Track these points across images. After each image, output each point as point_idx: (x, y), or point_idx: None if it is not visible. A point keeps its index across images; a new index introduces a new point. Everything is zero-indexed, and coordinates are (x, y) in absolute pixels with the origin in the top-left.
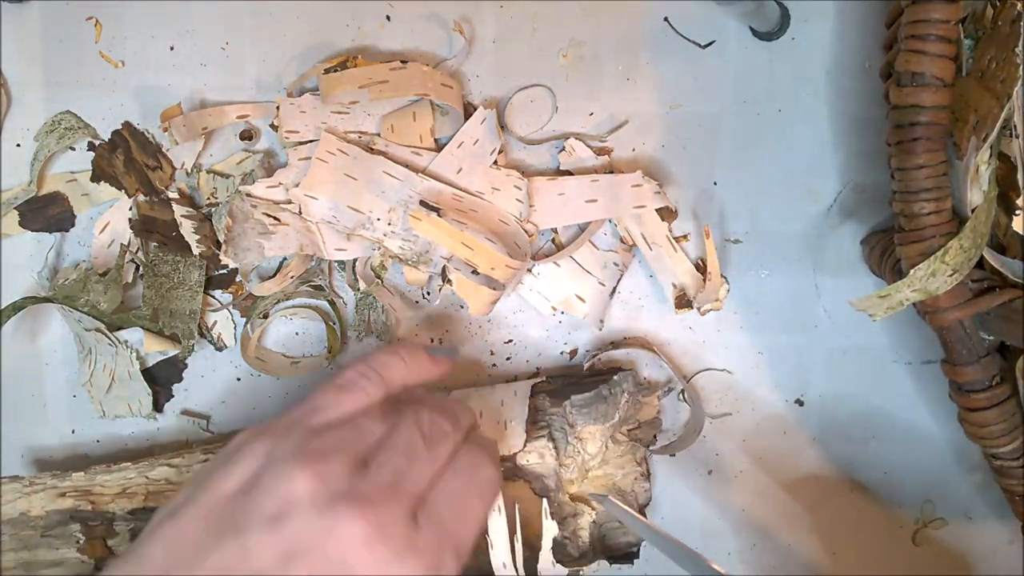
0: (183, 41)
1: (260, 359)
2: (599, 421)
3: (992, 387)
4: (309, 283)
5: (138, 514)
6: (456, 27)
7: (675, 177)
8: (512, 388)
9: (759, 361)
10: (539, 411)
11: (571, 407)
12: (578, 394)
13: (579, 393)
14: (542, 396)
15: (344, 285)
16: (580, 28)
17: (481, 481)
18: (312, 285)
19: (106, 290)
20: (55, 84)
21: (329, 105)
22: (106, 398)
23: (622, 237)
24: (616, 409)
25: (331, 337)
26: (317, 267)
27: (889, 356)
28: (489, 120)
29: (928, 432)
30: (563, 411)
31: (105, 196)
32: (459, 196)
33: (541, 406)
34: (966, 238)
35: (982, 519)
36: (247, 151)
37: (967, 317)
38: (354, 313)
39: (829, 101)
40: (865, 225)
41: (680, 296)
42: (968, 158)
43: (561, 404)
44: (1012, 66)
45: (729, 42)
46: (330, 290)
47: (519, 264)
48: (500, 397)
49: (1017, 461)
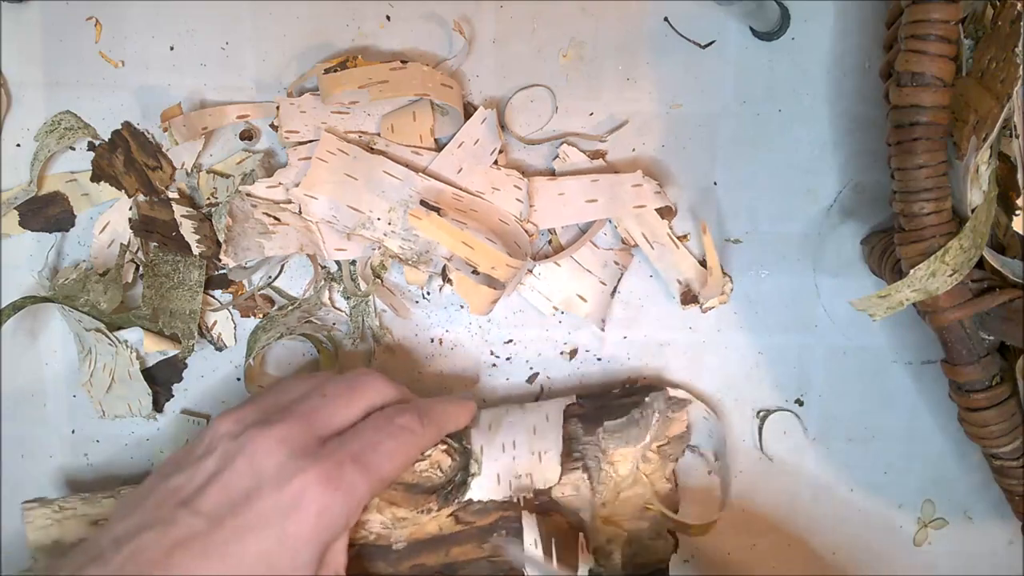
0: (183, 41)
1: (262, 386)
2: (631, 443)
3: (992, 387)
4: (309, 319)
5: None
6: (456, 27)
7: (675, 177)
8: (544, 411)
9: (759, 361)
10: (572, 439)
11: (603, 433)
12: (611, 419)
13: (612, 418)
14: (574, 421)
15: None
16: (580, 28)
17: (395, 426)
18: (310, 321)
19: (106, 290)
20: (55, 84)
21: (329, 105)
22: (106, 398)
23: (623, 237)
24: (647, 430)
25: (326, 360)
26: (317, 299)
27: (889, 356)
28: (489, 120)
29: (928, 432)
30: (596, 439)
31: (105, 196)
32: (459, 196)
33: (574, 434)
34: (966, 238)
35: (982, 519)
36: (247, 151)
37: (967, 317)
38: (349, 320)
39: (829, 101)
40: (865, 225)
41: (685, 292)
42: (968, 158)
43: (594, 432)
44: (1012, 66)
45: (729, 42)
46: (327, 335)
47: (519, 263)
48: (532, 423)
49: (1017, 461)
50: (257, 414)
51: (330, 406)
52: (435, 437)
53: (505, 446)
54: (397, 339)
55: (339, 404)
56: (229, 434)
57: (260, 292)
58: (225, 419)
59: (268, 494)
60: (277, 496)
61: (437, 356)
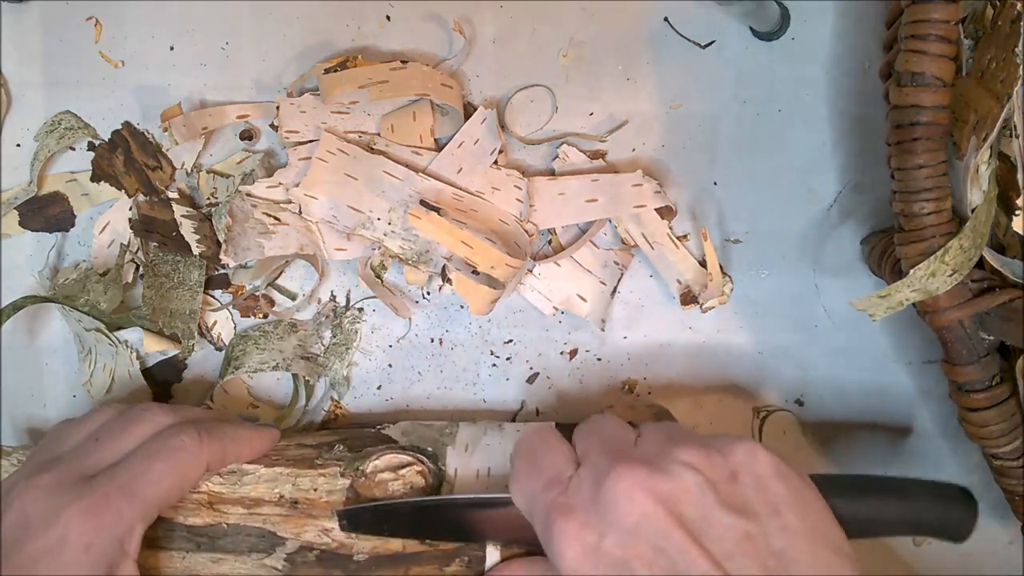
0: (183, 41)
1: (253, 405)
2: None
3: (992, 387)
4: (305, 354)
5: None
6: (456, 27)
7: (675, 177)
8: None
9: (759, 361)
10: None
11: None
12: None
13: None
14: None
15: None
16: (580, 28)
17: (167, 448)
18: (308, 358)
19: (106, 290)
20: (55, 84)
21: (329, 105)
22: (106, 398)
23: (623, 237)
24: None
25: (294, 397)
26: (316, 333)
27: (889, 356)
28: (489, 120)
29: (928, 432)
30: None
31: (105, 196)
32: (459, 196)
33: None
34: (966, 238)
35: (982, 519)
36: (247, 151)
37: (967, 317)
38: (321, 352)
39: (829, 101)
40: (865, 225)
41: (685, 292)
42: (968, 158)
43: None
44: (1012, 66)
45: (729, 42)
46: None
47: (519, 263)
48: (509, 448)
49: (1017, 461)
50: (29, 467)
51: (102, 449)
52: (217, 455)
53: (479, 473)
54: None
55: (111, 444)
56: (4, 494)
57: (261, 292)
58: (3, 480)
59: (35, 537)
60: (44, 538)
61: (437, 356)
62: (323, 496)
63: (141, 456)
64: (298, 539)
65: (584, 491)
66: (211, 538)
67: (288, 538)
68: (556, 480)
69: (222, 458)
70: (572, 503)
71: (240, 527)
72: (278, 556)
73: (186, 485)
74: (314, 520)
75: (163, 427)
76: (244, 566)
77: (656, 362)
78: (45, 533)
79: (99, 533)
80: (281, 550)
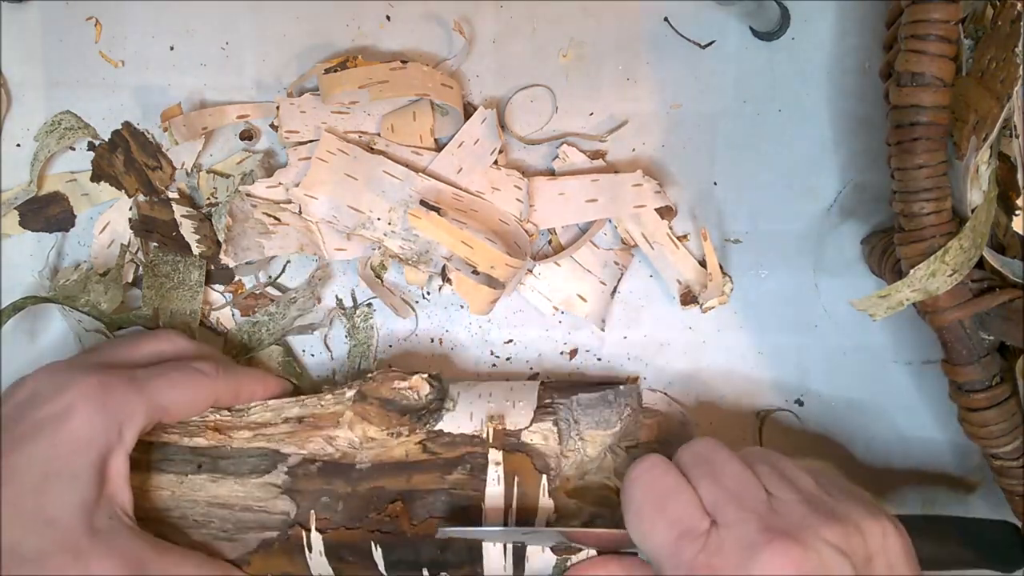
0: (183, 41)
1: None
2: (601, 426)
3: (992, 387)
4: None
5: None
6: (456, 27)
7: (675, 177)
8: (521, 382)
9: (759, 361)
10: (547, 399)
11: (577, 404)
12: (585, 393)
13: (586, 393)
14: (551, 390)
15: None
16: (580, 28)
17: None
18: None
19: (106, 290)
20: (55, 84)
21: (329, 105)
22: None
23: (623, 237)
24: (619, 419)
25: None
26: (311, 292)
27: (889, 356)
28: (489, 120)
29: (928, 432)
30: (570, 403)
31: (105, 196)
32: (459, 196)
33: (549, 396)
34: (966, 238)
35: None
36: (247, 151)
37: (967, 317)
38: (347, 358)
39: (829, 101)
40: (865, 225)
41: (685, 292)
42: (968, 158)
43: (569, 397)
44: (1012, 66)
45: (729, 42)
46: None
47: (519, 263)
48: (510, 384)
49: (1017, 461)
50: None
51: (117, 344)
52: (231, 389)
53: (482, 394)
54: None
55: (127, 342)
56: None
57: (261, 291)
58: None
59: (43, 405)
60: (52, 404)
61: (437, 356)
62: (329, 408)
63: (162, 365)
64: (301, 452)
65: (730, 558)
66: (213, 458)
67: (290, 453)
68: (690, 533)
69: (236, 393)
70: (715, 564)
71: (244, 450)
72: (279, 472)
73: (195, 404)
74: (319, 431)
75: (181, 350)
76: (243, 488)
77: (656, 362)
78: (53, 400)
79: (104, 410)
80: (283, 465)
